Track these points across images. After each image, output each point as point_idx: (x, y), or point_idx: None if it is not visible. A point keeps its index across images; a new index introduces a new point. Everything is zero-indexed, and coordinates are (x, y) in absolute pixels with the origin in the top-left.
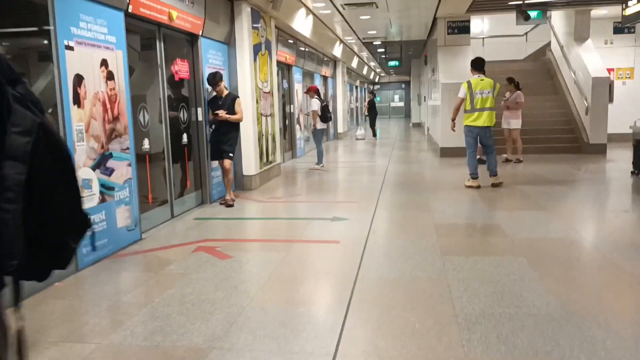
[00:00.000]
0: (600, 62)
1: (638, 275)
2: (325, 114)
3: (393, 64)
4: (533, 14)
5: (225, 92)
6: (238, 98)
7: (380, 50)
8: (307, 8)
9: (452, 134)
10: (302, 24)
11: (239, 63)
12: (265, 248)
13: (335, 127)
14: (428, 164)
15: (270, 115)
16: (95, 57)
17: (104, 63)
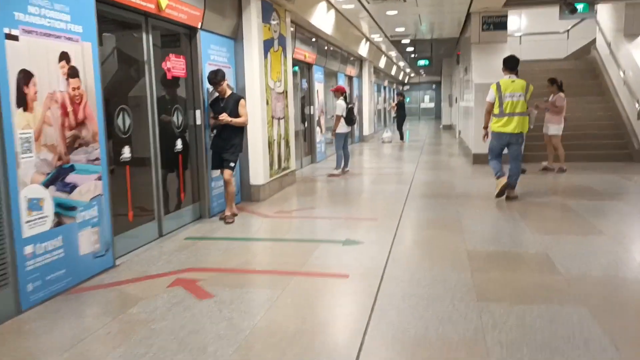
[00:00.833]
0: None
1: None
2: (350, 117)
3: (422, 64)
4: (579, 7)
5: (229, 92)
6: (242, 99)
7: (410, 49)
8: (328, 2)
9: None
10: (322, 20)
11: (247, 60)
12: (258, 282)
13: (361, 129)
14: (459, 172)
15: (284, 118)
16: (52, 49)
17: (65, 57)
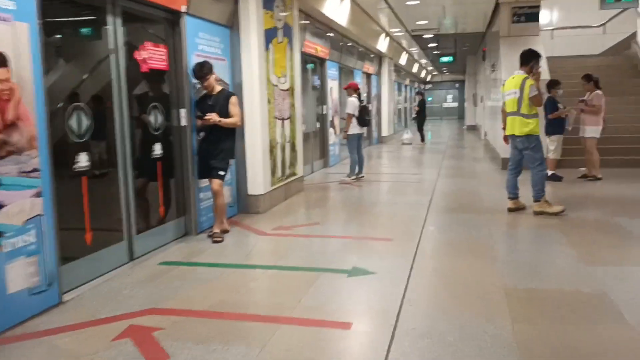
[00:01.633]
0: None
1: None
2: (363, 117)
3: (446, 60)
4: None
5: (218, 88)
6: (234, 96)
7: (432, 45)
8: None
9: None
10: (336, 10)
11: (244, 52)
12: (232, 333)
13: (380, 130)
14: (486, 179)
15: (290, 119)
16: None
17: None
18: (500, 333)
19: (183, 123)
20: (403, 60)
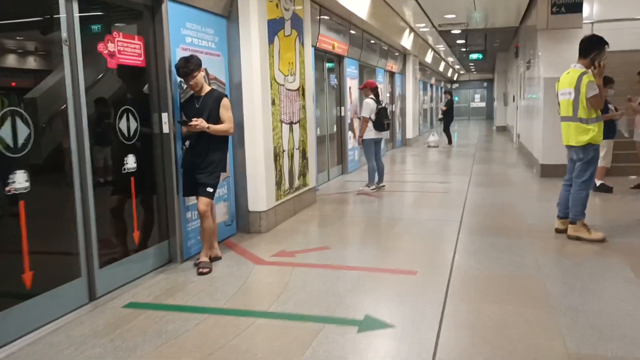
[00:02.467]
0: None
1: None
2: (381, 120)
3: (475, 57)
4: None
5: (207, 88)
6: (225, 97)
7: (460, 42)
8: None
9: (556, 147)
10: (355, 2)
11: (243, 45)
12: None
13: (404, 132)
14: (524, 189)
15: (300, 122)
16: None
17: None
18: None
19: (165, 130)
20: (429, 58)
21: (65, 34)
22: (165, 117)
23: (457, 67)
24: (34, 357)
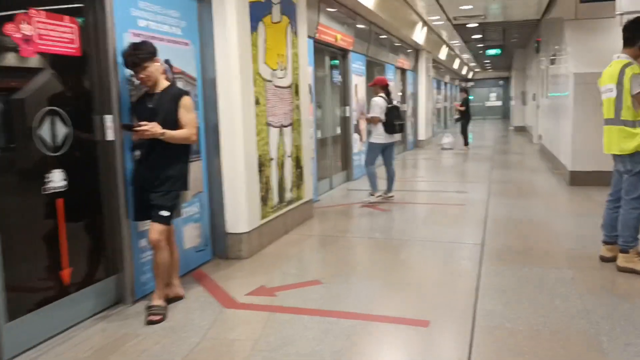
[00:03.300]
0: None
1: None
2: (392, 122)
3: (493, 53)
4: None
5: (164, 84)
6: (186, 96)
7: (476, 37)
8: None
9: (588, 151)
10: None
11: (218, 32)
12: None
13: (416, 133)
14: (553, 201)
15: (292, 125)
16: None
17: None
18: None
19: (109, 137)
20: (443, 55)
21: None
22: (109, 120)
23: (472, 64)
24: None
